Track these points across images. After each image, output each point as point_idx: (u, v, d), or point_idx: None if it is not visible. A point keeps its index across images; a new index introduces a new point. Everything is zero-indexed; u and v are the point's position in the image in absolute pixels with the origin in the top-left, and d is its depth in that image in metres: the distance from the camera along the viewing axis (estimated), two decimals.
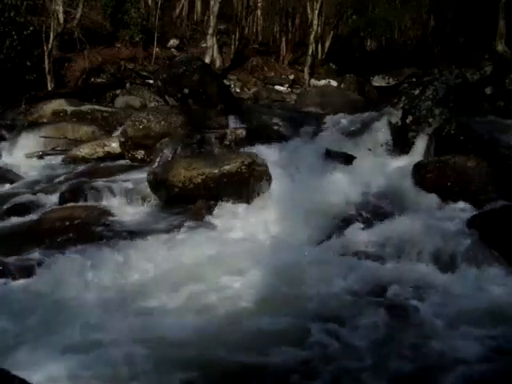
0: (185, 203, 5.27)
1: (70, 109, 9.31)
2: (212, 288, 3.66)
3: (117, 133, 7.96)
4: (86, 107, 9.52)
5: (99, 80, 13.51)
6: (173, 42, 16.67)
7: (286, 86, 16.71)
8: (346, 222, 4.72)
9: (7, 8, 11.11)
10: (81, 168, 7.12)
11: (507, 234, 4.08)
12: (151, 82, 12.57)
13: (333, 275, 3.78)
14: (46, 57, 11.73)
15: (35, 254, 4.29)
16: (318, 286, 3.62)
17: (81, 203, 5.47)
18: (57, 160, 7.76)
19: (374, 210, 4.88)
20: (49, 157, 7.96)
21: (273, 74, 17.52)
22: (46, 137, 8.35)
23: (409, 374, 2.74)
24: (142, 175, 5.91)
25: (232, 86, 15.00)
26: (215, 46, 16.27)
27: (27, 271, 3.99)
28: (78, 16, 13.68)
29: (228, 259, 4.09)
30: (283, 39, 19.00)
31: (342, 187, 5.24)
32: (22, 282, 3.86)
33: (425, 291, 3.57)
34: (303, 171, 5.58)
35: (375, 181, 5.42)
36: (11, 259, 4.14)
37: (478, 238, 4.09)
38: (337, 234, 4.54)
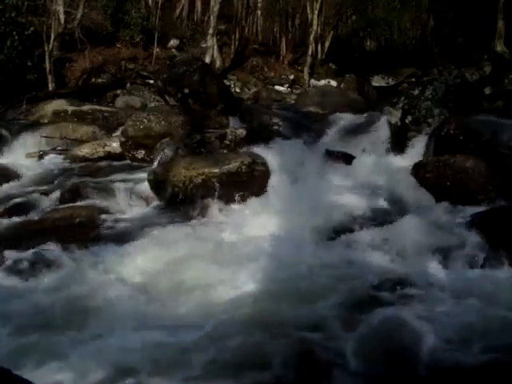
0: (185, 203, 5.29)
1: (70, 109, 9.33)
2: (212, 287, 3.68)
3: (117, 133, 7.97)
4: (86, 107, 9.54)
5: (100, 80, 13.53)
6: (173, 42, 16.67)
7: (286, 86, 16.71)
8: (345, 221, 4.73)
9: (8, 8, 11.15)
10: (81, 168, 7.12)
11: (507, 234, 4.09)
12: (151, 82, 12.57)
13: (333, 274, 3.80)
14: (46, 57, 11.74)
15: (36, 254, 4.30)
16: (317, 285, 3.64)
17: (81, 203, 5.48)
18: (57, 160, 7.76)
19: (374, 210, 4.90)
20: (49, 156, 7.96)
21: (273, 74, 17.52)
22: (46, 136, 8.35)
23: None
24: (142, 175, 5.92)
25: (232, 85, 15.01)
26: (215, 46, 16.28)
27: (27, 271, 4.01)
28: (78, 16, 13.68)
29: (228, 258, 4.11)
30: (283, 39, 18.99)
31: (341, 187, 5.26)
32: (21, 281, 3.88)
33: (424, 290, 3.58)
34: (303, 171, 5.60)
35: (375, 180, 5.44)
36: (11, 259, 4.16)
37: (478, 237, 4.11)
38: (337, 233, 4.56)
